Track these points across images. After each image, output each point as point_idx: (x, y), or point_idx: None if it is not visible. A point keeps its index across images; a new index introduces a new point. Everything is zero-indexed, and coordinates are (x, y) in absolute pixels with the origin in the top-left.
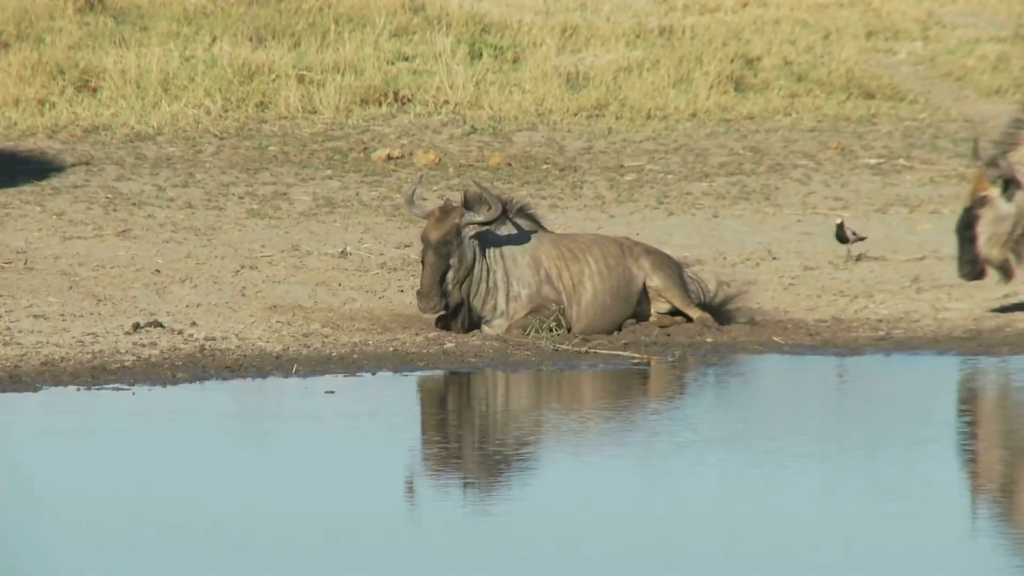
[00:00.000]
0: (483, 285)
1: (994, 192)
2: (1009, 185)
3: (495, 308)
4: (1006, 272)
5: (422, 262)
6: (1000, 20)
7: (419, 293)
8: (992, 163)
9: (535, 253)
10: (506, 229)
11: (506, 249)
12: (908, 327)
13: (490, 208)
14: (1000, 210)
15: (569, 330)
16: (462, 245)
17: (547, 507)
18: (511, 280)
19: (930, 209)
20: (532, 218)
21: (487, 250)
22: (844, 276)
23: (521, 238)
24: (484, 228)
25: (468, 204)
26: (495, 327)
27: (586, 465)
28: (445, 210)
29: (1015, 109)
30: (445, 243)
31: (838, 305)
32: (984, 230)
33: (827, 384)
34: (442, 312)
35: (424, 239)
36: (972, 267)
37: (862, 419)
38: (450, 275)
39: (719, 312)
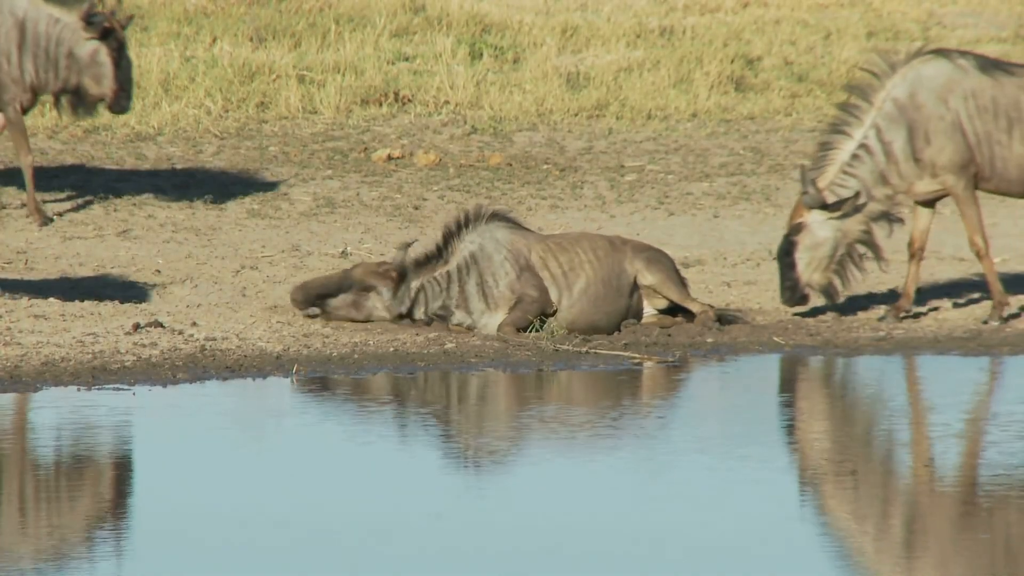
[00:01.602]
0: (442, 300)
1: (809, 218)
2: (831, 207)
3: (471, 312)
4: (831, 295)
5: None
6: (1000, 20)
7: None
8: (805, 190)
9: (514, 247)
10: (479, 233)
11: (479, 252)
12: (908, 327)
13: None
14: (816, 236)
15: (554, 314)
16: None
17: (547, 507)
18: (486, 278)
19: None
20: (508, 220)
21: (452, 261)
22: None
23: (496, 236)
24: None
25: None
26: (486, 327)
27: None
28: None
29: (820, 132)
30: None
31: (838, 305)
32: (802, 256)
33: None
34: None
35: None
36: (792, 293)
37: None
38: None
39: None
